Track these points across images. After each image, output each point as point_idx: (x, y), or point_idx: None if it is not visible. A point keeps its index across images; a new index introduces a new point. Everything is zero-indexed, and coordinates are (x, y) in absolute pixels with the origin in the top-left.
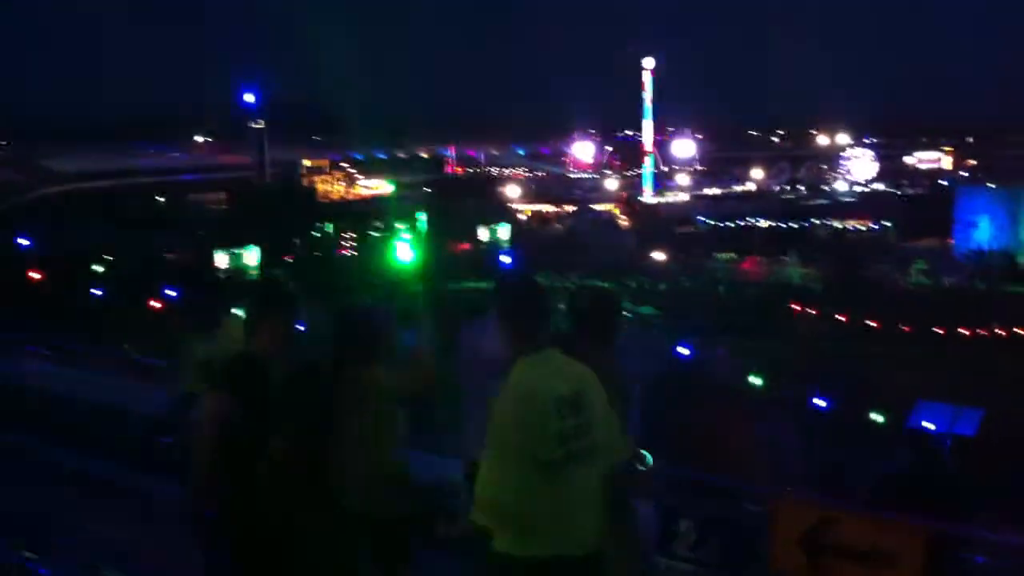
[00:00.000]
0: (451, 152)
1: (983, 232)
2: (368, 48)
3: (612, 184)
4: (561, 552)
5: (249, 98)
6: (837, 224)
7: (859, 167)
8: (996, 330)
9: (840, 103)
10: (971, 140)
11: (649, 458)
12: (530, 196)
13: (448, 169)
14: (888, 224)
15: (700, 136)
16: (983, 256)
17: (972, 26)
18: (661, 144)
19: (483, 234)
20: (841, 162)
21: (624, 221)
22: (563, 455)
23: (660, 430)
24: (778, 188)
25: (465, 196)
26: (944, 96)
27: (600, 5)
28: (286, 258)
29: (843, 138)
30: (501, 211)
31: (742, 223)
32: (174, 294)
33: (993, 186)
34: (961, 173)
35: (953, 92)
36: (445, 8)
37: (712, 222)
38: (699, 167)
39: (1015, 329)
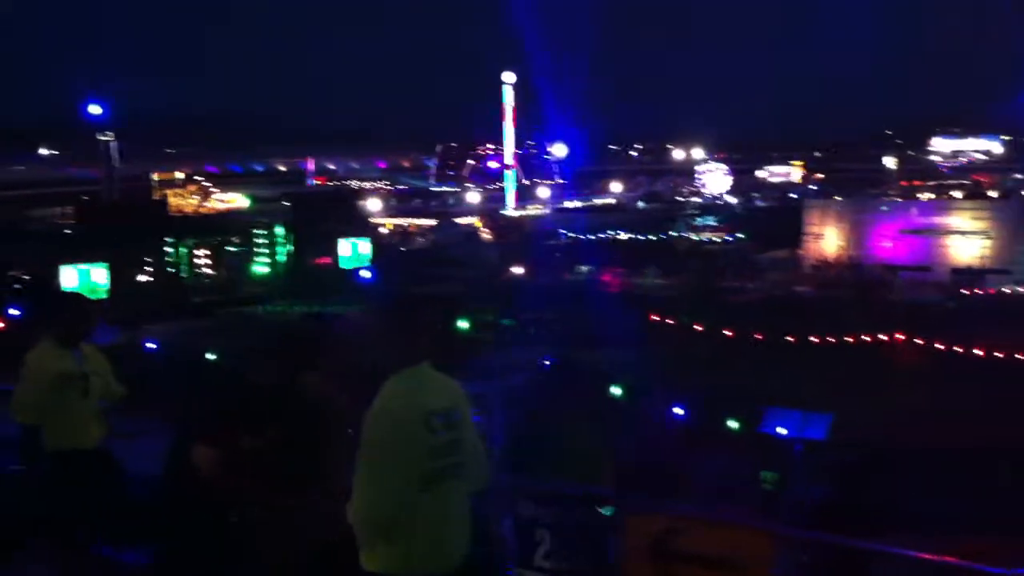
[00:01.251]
0: (310, 165)
1: (830, 243)
2: (221, 58)
3: (474, 197)
4: (434, 568)
5: (95, 110)
6: (694, 236)
7: (713, 181)
8: (845, 337)
9: (695, 118)
10: (819, 155)
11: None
12: (391, 210)
13: (308, 182)
14: (743, 236)
15: (560, 150)
16: (830, 266)
17: (817, 45)
18: (522, 157)
19: (344, 249)
20: (696, 176)
21: (487, 235)
22: (436, 469)
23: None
24: (641, 202)
25: (325, 210)
26: (793, 112)
27: (464, 17)
28: (139, 276)
29: (698, 153)
30: (362, 225)
31: (603, 236)
32: (17, 312)
33: (839, 199)
34: (810, 187)
35: (801, 108)
36: (305, 17)
37: (574, 235)
38: (560, 180)
39: (863, 336)
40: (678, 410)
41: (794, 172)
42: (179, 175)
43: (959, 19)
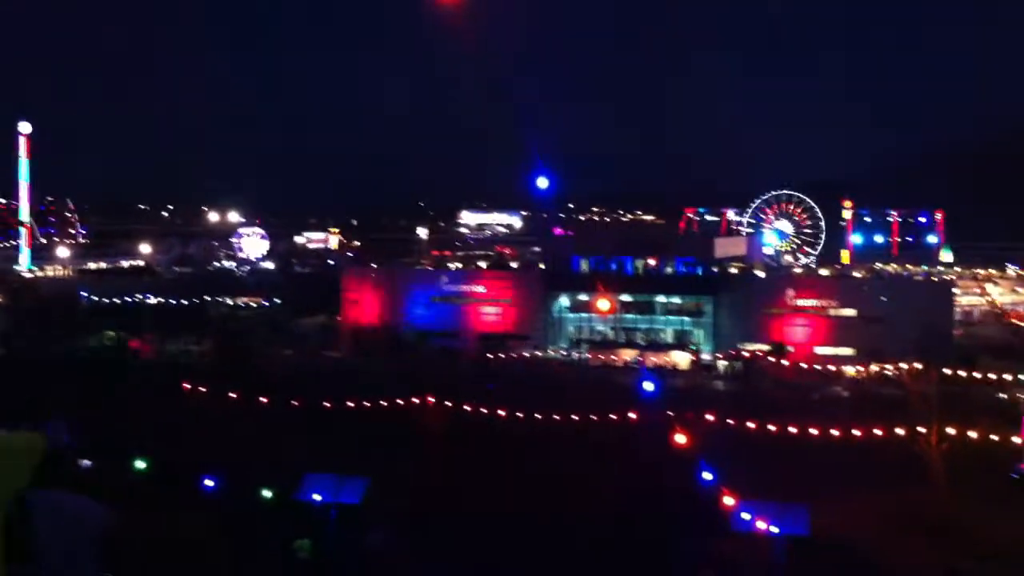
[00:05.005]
0: None
1: (367, 309)
2: None
3: None
4: None
5: None
6: (229, 301)
7: (250, 245)
8: (380, 401)
9: (233, 182)
10: (355, 222)
11: None
12: None
13: None
14: (279, 301)
15: (85, 206)
16: (365, 330)
17: (348, 117)
18: (40, 215)
19: None
20: (233, 240)
21: None
22: None
23: None
24: (171, 266)
25: None
26: (331, 180)
27: None
28: None
29: (234, 216)
30: None
31: (131, 300)
32: None
33: (375, 266)
34: (348, 253)
35: (339, 177)
36: None
37: (97, 298)
38: (83, 239)
39: (398, 400)
40: (209, 482)
41: (332, 239)
42: None
43: (478, 104)
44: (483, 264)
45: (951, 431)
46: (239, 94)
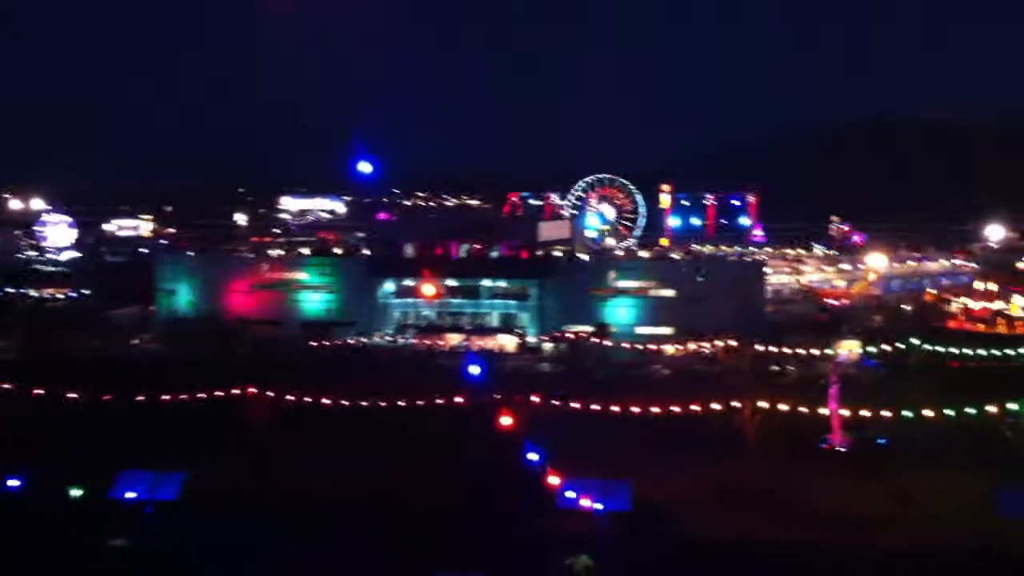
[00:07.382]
0: None
1: (184, 297)
2: None
3: None
4: None
5: None
6: (35, 293)
7: (56, 234)
8: (198, 393)
9: (36, 168)
10: (170, 209)
11: None
12: None
13: None
14: (88, 292)
15: None
16: (182, 320)
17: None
18: None
19: None
20: (36, 228)
21: None
22: None
23: None
24: None
25: None
26: (146, 165)
27: None
28: None
29: (38, 203)
30: None
31: None
32: None
33: (192, 254)
34: (161, 241)
35: (156, 161)
36: None
37: None
38: None
39: (217, 391)
40: (14, 481)
41: (144, 226)
42: None
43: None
44: (306, 250)
45: (763, 404)
46: (37, 74)
